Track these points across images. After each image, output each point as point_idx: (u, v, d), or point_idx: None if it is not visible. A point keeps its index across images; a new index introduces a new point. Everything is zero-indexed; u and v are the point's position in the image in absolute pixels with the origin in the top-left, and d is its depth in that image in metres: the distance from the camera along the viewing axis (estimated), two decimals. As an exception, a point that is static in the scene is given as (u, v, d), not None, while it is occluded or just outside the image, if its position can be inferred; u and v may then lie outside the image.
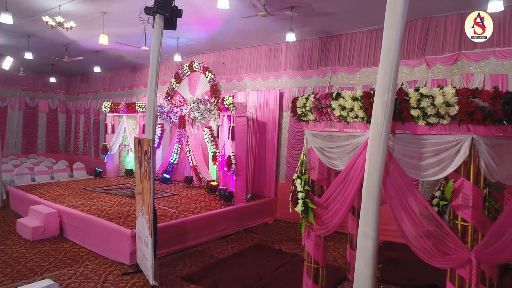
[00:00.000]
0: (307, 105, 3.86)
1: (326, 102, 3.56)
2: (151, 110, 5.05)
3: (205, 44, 9.74)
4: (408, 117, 3.08)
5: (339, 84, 8.01)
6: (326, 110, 3.61)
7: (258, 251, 6.71)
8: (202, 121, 9.84)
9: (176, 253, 6.39)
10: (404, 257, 6.16)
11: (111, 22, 8.04)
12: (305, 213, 4.01)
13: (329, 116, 3.64)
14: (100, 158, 13.87)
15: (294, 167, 8.65)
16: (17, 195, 9.06)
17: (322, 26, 7.86)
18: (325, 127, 3.79)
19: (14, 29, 8.95)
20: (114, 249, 6.03)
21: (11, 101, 14.57)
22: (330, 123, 3.74)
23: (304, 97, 3.96)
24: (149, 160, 4.76)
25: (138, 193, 5.35)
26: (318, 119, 3.79)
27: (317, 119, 3.81)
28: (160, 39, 5.10)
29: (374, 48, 7.55)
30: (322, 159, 3.89)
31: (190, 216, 6.88)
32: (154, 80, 5.07)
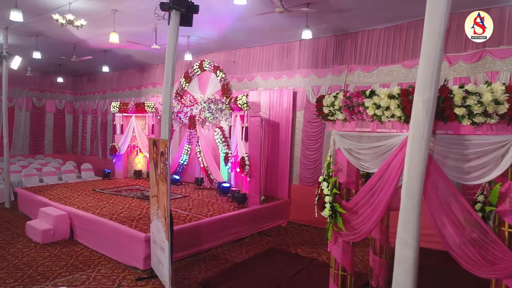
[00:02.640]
0: (335, 104, 3.65)
1: (358, 101, 3.35)
2: (167, 109, 4.86)
3: (215, 42, 9.56)
4: (451, 116, 2.86)
5: (355, 83, 7.79)
6: (358, 109, 3.40)
7: (274, 255, 6.51)
8: (213, 121, 9.66)
9: (190, 257, 6.20)
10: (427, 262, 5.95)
11: (121, 20, 7.87)
12: (332, 217, 3.80)
13: (360, 116, 3.43)
14: (108, 159, 13.73)
15: (308, 169, 8.45)
16: (26, 196, 8.91)
17: (338, 23, 7.64)
18: (355, 127, 3.58)
19: (23, 28, 8.82)
20: (127, 253, 5.85)
21: (18, 102, 14.47)
22: (361, 123, 3.52)
23: (332, 95, 3.75)
24: (165, 161, 4.57)
25: (153, 196, 5.16)
26: (348, 118, 3.59)
27: (347, 118, 3.60)
28: (176, 36, 4.91)
29: (392, 45, 7.32)
30: (352, 161, 3.68)
31: (204, 219, 6.69)
32: (170, 78, 4.87)
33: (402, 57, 7.16)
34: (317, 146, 8.31)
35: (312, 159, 8.39)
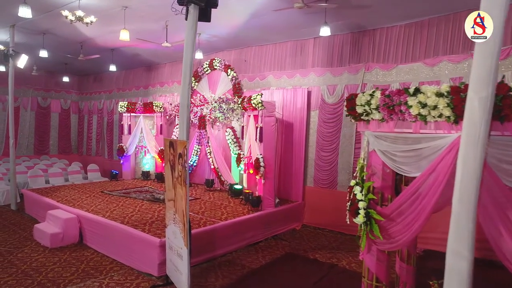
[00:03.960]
0: (372, 103, 3.39)
1: (400, 99, 3.10)
2: (185, 109, 4.62)
3: (227, 41, 9.31)
4: (510, 116, 2.60)
5: (373, 82, 7.53)
6: (399, 108, 3.14)
7: (292, 260, 6.26)
8: (224, 121, 9.41)
9: (205, 263, 5.95)
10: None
11: (131, 17, 7.63)
12: (366, 224, 3.55)
13: (402, 115, 3.17)
14: (114, 160, 13.52)
15: (324, 170, 8.20)
16: (33, 198, 8.69)
17: (355, 20, 7.39)
18: (393, 128, 3.32)
19: (29, 25, 8.60)
20: (141, 259, 5.61)
21: (23, 101, 14.26)
22: (401, 123, 3.27)
23: (367, 93, 3.50)
24: (184, 164, 4.33)
25: (170, 200, 4.92)
26: (386, 118, 3.33)
27: (385, 118, 3.34)
28: (195, 32, 4.67)
29: (412, 43, 7.05)
30: (388, 164, 3.42)
31: (218, 222, 6.44)
32: (188, 77, 4.64)
33: (423, 55, 6.90)
34: (332, 147, 8.06)
35: (328, 161, 8.13)
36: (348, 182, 7.84)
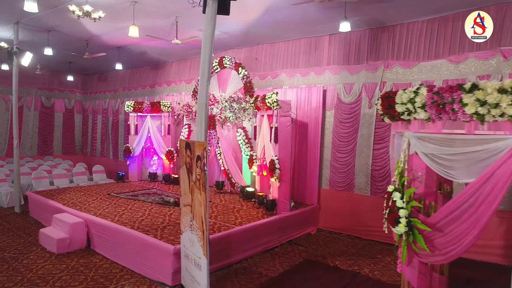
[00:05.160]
0: (416, 101, 3.07)
1: (453, 96, 2.78)
2: (203, 108, 4.31)
3: (237, 38, 9.00)
4: None
5: (393, 80, 7.20)
6: (451, 106, 2.82)
7: (311, 268, 5.94)
8: (234, 121, 9.09)
9: (220, 270, 5.64)
10: (479, 277, 5.40)
11: (140, 13, 7.33)
12: (407, 234, 3.23)
13: (453, 114, 2.85)
14: (120, 161, 13.23)
15: (340, 172, 7.88)
16: (38, 201, 8.39)
17: (374, 16, 7.06)
18: (441, 128, 3.00)
19: (34, 22, 8.31)
20: (153, 266, 5.30)
21: (27, 101, 13.98)
22: (451, 123, 2.94)
23: (410, 90, 3.18)
24: (203, 167, 4.01)
25: (186, 205, 4.61)
26: (434, 118, 3.00)
27: (432, 118, 3.02)
28: (213, 25, 4.38)
29: (435, 39, 6.72)
30: (434, 168, 3.10)
31: (233, 227, 6.13)
32: (206, 73, 4.33)
33: (447, 52, 6.56)
34: (349, 148, 7.73)
35: (344, 163, 7.80)
36: (366, 185, 7.54)
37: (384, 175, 7.30)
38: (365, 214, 7.49)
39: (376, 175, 7.40)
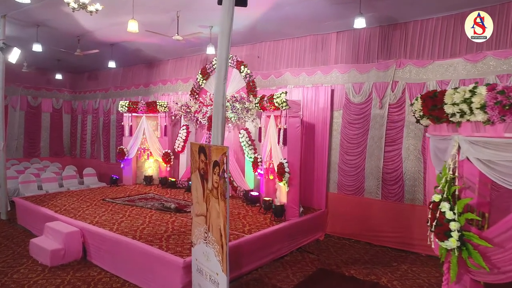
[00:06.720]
0: (474, 101, 2.74)
1: (524, 96, 2.46)
2: (220, 108, 3.92)
3: (240, 35, 8.58)
4: None
5: (405, 80, 6.92)
6: (518, 107, 2.51)
7: (327, 278, 5.59)
8: (236, 122, 8.69)
9: (231, 282, 5.22)
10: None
11: (139, 7, 6.87)
12: (459, 250, 2.90)
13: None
14: (111, 163, 12.66)
15: (349, 176, 7.57)
16: (26, 207, 7.80)
17: (386, 13, 6.76)
18: (503, 132, 2.68)
19: (23, 16, 7.76)
20: (158, 281, 4.87)
21: (12, 100, 13.24)
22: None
23: (464, 89, 2.85)
24: (223, 174, 3.61)
25: (199, 215, 4.19)
26: (495, 120, 2.68)
27: (492, 120, 2.69)
28: (231, 18, 4.04)
29: (451, 37, 6.46)
30: (492, 176, 2.78)
31: (243, 236, 5.73)
32: (224, 69, 3.95)
33: (464, 50, 6.30)
34: (359, 150, 7.42)
35: (353, 165, 7.49)
36: (377, 188, 7.24)
37: (396, 178, 7.01)
38: (376, 219, 7.20)
39: (388, 178, 7.11)
